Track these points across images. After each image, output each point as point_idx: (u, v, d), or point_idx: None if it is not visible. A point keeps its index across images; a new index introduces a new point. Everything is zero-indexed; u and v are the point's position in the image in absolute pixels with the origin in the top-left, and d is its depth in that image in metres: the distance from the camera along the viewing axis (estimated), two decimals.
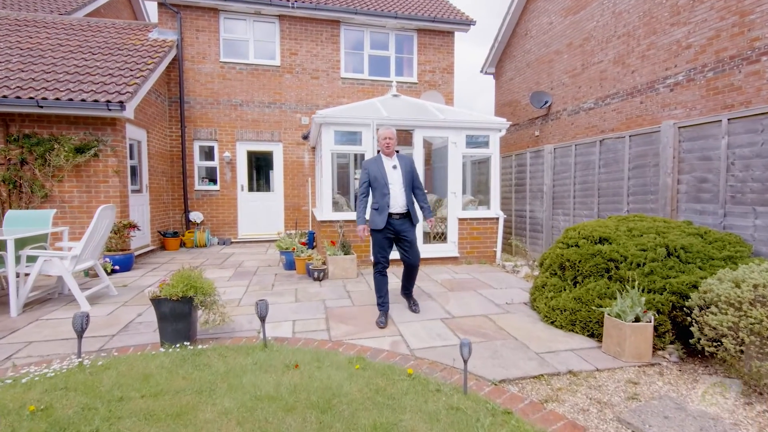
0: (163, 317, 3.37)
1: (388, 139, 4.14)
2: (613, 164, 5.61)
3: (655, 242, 3.79)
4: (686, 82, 7.10)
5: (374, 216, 4.11)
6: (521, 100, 12.25)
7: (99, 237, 4.93)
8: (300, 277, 6.20)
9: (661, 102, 7.56)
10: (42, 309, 4.61)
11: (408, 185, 4.17)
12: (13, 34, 8.38)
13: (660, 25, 7.61)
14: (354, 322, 4.14)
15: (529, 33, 11.76)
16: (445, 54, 11.15)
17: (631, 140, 5.27)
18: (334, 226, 6.62)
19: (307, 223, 10.46)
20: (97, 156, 6.79)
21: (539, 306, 4.24)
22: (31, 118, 6.59)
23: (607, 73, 8.87)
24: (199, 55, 9.79)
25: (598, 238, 4.06)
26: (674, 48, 7.30)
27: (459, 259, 7.10)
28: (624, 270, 3.73)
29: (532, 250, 7.64)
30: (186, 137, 9.77)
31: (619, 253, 3.83)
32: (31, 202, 6.64)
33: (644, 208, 5.11)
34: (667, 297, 3.41)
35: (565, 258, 4.15)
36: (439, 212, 7.83)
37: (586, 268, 3.93)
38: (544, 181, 7.14)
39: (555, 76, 10.57)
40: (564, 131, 10.28)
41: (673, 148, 4.60)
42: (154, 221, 8.74)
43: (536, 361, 3.21)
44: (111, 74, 7.29)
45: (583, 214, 6.26)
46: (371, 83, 10.72)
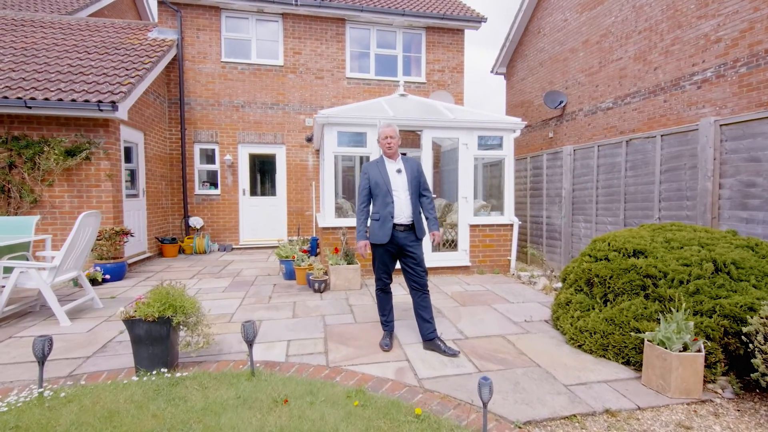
0: (138, 340, 2.97)
1: (390, 139, 3.54)
2: (642, 166, 5.12)
3: (700, 256, 3.31)
4: (716, 78, 6.59)
5: (375, 228, 3.52)
6: (534, 100, 11.77)
7: (82, 246, 4.57)
8: (300, 288, 5.78)
9: (688, 100, 7.05)
10: (18, 324, 4.25)
11: (414, 192, 3.58)
12: (8, 34, 8.13)
13: (686, 18, 7.11)
14: (355, 343, 3.70)
15: (542, 31, 11.29)
16: (455, 52, 10.72)
17: (663, 140, 4.79)
18: (336, 233, 6.21)
19: (310, 228, 10.06)
20: (89, 159, 6.46)
21: (563, 326, 3.77)
22: (20, 119, 6.29)
23: (627, 71, 8.37)
24: (200, 55, 9.47)
25: (631, 250, 3.59)
26: (702, 42, 6.80)
27: (470, 268, 6.64)
28: (663, 288, 3.25)
29: (549, 259, 7.14)
30: (186, 140, 9.44)
31: (657, 268, 3.35)
32: (19, 207, 6.32)
33: (679, 215, 4.61)
34: (717, 321, 2.93)
35: (594, 273, 3.68)
36: (448, 218, 7.38)
37: (618, 285, 3.46)
38: (562, 185, 6.66)
39: (570, 74, 10.08)
40: (580, 132, 9.78)
41: (714, 149, 4.11)
42: (152, 227, 8.40)
43: (566, 396, 2.75)
44: (105, 74, 6.97)
45: (607, 221, 5.76)
46: (378, 83, 10.32)
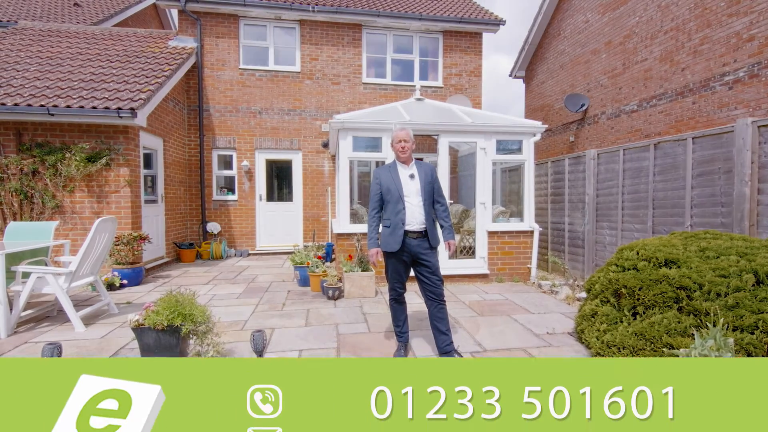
0: (147, 349, 2.92)
1: (403, 142, 3.38)
2: (671, 171, 4.86)
3: (739, 266, 3.07)
4: (748, 78, 6.27)
5: (386, 236, 3.38)
6: (554, 104, 11.50)
7: (98, 251, 4.59)
8: (314, 295, 5.70)
9: (718, 102, 6.73)
10: (35, 329, 4.28)
11: (428, 198, 3.40)
12: (35, 44, 8.38)
13: (715, 16, 6.81)
14: (368, 353, 3.58)
15: (562, 33, 11.04)
16: (473, 56, 10.57)
17: (695, 143, 4.53)
18: (351, 239, 6.11)
19: (326, 234, 10.01)
20: (109, 165, 6.55)
21: (589, 339, 3.56)
22: (43, 126, 6.43)
23: (652, 72, 8.07)
24: (219, 62, 9.58)
25: (663, 260, 3.37)
26: (733, 41, 6.49)
27: (489, 276, 6.44)
28: (699, 300, 3.03)
29: (571, 267, 6.88)
30: (204, 146, 9.54)
31: (691, 279, 3.13)
32: (42, 213, 6.44)
33: (713, 222, 4.35)
34: (760, 337, 2.70)
35: (621, 283, 3.47)
36: (466, 224, 7.21)
37: (648, 297, 3.25)
38: (585, 191, 6.41)
39: (592, 77, 9.81)
40: (602, 136, 9.48)
41: (752, 152, 3.85)
42: (170, 232, 8.47)
43: None
44: (126, 81, 7.09)
45: (633, 228, 5.50)
46: (394, 88, 10.25)
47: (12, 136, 6.36)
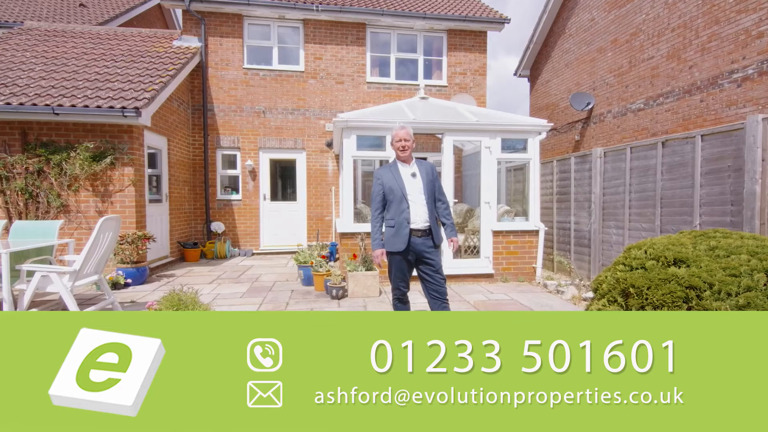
0: None
1: (404, 141, 3.35)
2: (679, 169, 4.80)
3: (750, 265, 3.01)
4: (757, 75, 6.19)
5: (390, 236, 3.36)
6: (559, 103, 11.43)
7: (102, 250, 4.59)
8: (318, 294, 5.68)
9: (727, 100, 6.65)
10: None
11: (431, 197, 3.39)
12: (40, 44, 8.42)
13: (723, 13, 6.72)
14: None
15: (567, 31, 10.97)
16: (477, 54, 10.51)
17: (704, 140, 4.47)
18: (355, 239, 6.09)
19: (330, 234, 10.00)
20: (114, 164, 6.56)
21: None
22: (48, 126, 6.45)
23: (659, 70, 7.99)
24: (223, 62, 9.59)
25: (672, 259, 3.31)
26: (742, 38, 6.41)
27: (494, 276, 6.40)
28: (709, 300, 2.97)
29: (577, 267, 6.82)
30: (209, 145, 9.56)
31: (701, 279, 3.06)
32: (47, 212, 6.47)
33: (722, 221, 4.28)
34: None
35: (629, 283, 3.41)
36: (470, 224, 7.16)
37: (657, 297, 3.18)
38: (592, 190, 6.35)
39: (598, 75, 9.73)
40: (608, 135, 9.40)
41: (763, 149, 3.79)
42: (174, 231, 8.49)
43: None
44: (130, 81, 7.10)
45: (641, 227, 5.44)
46: (398, 87, 10.22)
47: (17, 136, 6.39)
